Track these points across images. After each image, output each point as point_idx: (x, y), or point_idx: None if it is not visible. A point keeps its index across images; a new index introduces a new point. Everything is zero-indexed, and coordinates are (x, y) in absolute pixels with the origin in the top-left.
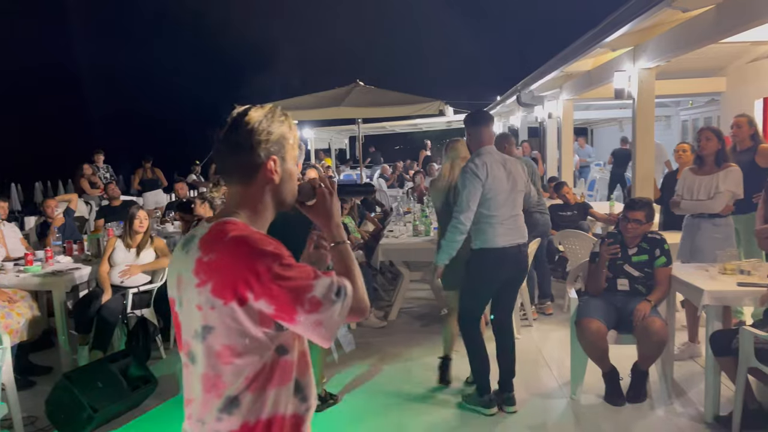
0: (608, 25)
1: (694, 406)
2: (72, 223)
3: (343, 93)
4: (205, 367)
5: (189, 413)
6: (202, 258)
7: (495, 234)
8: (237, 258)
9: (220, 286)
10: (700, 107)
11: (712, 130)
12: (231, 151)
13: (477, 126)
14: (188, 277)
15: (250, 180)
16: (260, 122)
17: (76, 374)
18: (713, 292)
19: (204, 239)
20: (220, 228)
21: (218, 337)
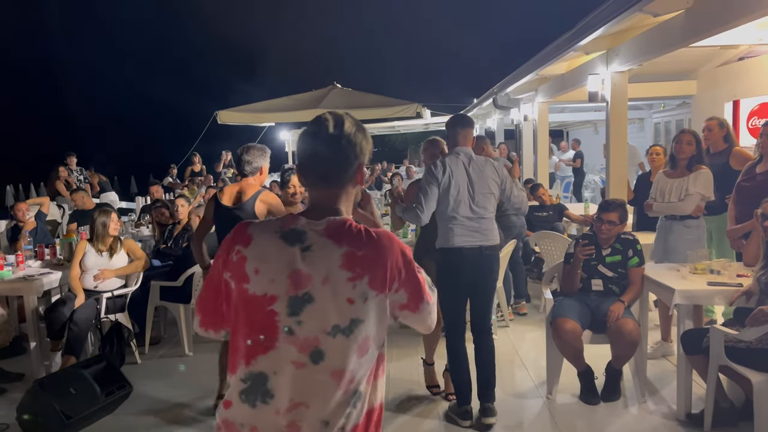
0: (581, 29)
1: (667, 403)
2: (44, 227)
3: (320, 95)
4: (340, 363)
5: (292, 421)
6: (356, 252)
7: (453, 234)
8: (390, 251)
9: (377, 277)
10: (672, 110)
11: (692, 134)
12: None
13: (452, 128)
14: (332, 272)
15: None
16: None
17: (48, 380)
18: (684, 291)
19: (336, 234)
20: (348, 225)
21: (365, 329)
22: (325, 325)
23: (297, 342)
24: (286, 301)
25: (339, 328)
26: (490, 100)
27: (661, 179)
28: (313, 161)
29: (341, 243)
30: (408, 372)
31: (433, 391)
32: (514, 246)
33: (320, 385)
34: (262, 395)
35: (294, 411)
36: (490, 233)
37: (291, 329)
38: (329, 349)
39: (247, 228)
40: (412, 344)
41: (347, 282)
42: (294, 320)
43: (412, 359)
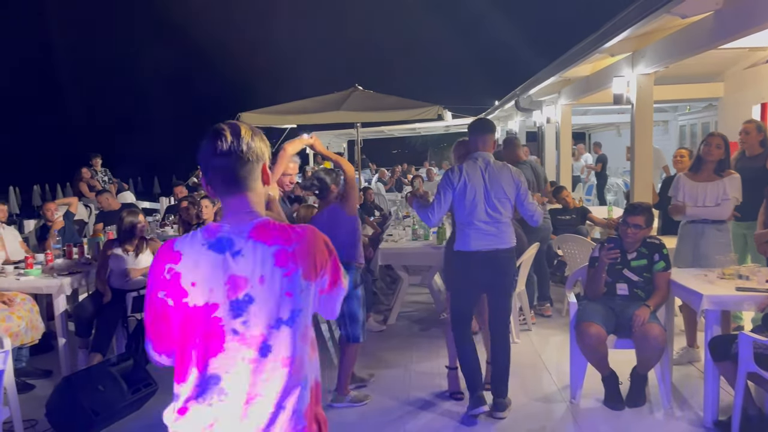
0: (607, 31)
1: (693, 410)
2: (72, 227)
3: (341, 97)
4: (287, 352)
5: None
6: (286, 249)
7: (469, 238)
8: (317, 242)
9: (308, 268)
10: (697, 112)
11: (722, 138)
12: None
13: (471, 133)
14: (266, 271)
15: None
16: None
17: (76, 377)
18: (712, 296)
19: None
20: (272, 225)
21: (305, 317)
22: (269, 320)
23: (244, 341)
24: (227, 305)
25: (282, 320)
26: (512, 102)
27: (687, 182)
28: (219, 172)
29: (270, 242)
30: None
31: (457, 397)
32: (537, 249)
33: (271, 374)
34: (218, 394)
35: (251, 402)
36: (505, 236)
37: (236, 330)
38: (275, 341)
39: (173, 246)
40: (434, 348)
41: (283, 277)
42: (239, 321)
43: (433, 363)
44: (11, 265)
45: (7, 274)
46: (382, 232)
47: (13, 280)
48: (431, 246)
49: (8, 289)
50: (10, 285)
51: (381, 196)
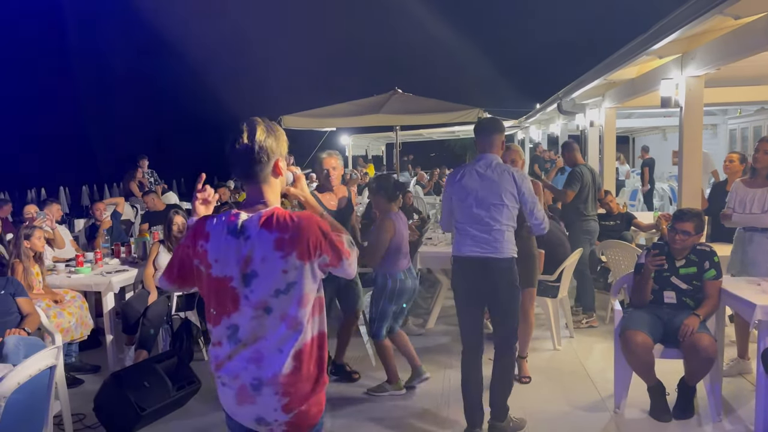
0: (656, 32)
1: (744, 424)
2: (119, 226)
3: (381, 100)
4: (283, 312)
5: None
6: (284, 236)
7: (461, 243)
8: (311, 229)
9: (302, 251)
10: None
11: None
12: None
13: (477, 134)
14: (267, 254)
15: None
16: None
17: (124, 374)
18: (766, 307)
19: (268, 223)
20: (276, 212)
21: (300, 288)
22: (269, 290)
23: (251, 304)
24: (240, 277)
25: (280, 290)
26: (554, 105)
27: (740, 188)
28: (236, 166)
29: (272, 231)
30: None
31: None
32: (580, 254)
33: (272, 326)
34: (236, 338)
35: (256, 343)
36: (500, 245)
37: (247, 296)
38: (275, 305)
39: (205, 226)
40: None
41: (280, 259)
42: (248, 290)
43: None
44: (63, 263)
45: (59, 272)
46: (421, 236)
47: (65, 277)
48: None
49: (59, 286)
50: (62, 282)
51: (420, 199)
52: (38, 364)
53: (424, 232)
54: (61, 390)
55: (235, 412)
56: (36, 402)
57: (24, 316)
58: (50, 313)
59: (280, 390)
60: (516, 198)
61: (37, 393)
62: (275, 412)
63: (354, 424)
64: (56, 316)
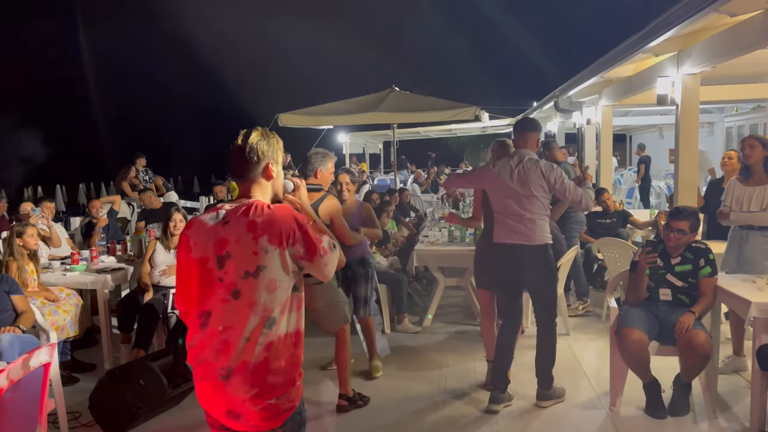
0: (652, 30)
1: (739, 421)
2: (115, 224)
3: (378, 98)
4: (252, 297)
5: (224, 339)
6: (257, 220)
7: (495, 231)
8: (285, 216)
9: (274, 235)
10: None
11: (756, 138)
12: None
13: (514, 131)
14: (241, 235)
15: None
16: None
17: (119, 372)
18: (761, 304)
19: (246, 210)
20: (255, 203)
21: (269, 273)
22: (239, 271)
23: (223, 286)
24: (215, 259)
25: (249, 272)
26: (551, 104)
27: (737, 186)
28: (231, 164)
29: (248, 215)
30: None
31: (485, 387)
32: (575, 253)
33: (241, 312)
34: (207, 326)
35: (225, 332)
36: (532, 233)
37: (221, 278)
38: (243, 288)
39: (192, 219)
40: (470, 351)
41: (251, 240)
42: (222, 272)
43: (468, 365)
44: (58, 261)
45: (55, 269)
46: (417, 233)
47: (60, 275)
48: (468, 247)
49: (55, 284)
50: (57, 280)
51: (417, 197)
52: (33, 362)
53: (420, 230)
54: (56, 388)
55: (209, 405)
56: (31, 400)
57: (19, 313)
58: (45, 310)
59: (248, 380)
60: (546, 189)
61: (32, 391)
62: (244, 403)
63: (344, 423)
64: (51, 313)
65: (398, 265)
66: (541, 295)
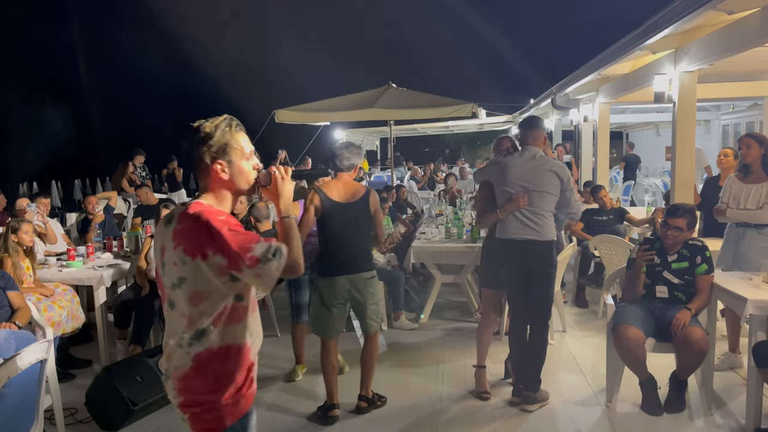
0: (649, 27)
1: (735, 417)
2: (111, 220)
3: (375, 95)
4: (181, 308)
5: (168, 345)
6: (177, 228)
7: (506, 226)
8: (198, 225)
9: (188, 246)
10: (741, 111)
11: (752, 137)
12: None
13: (521, 128)
14: (168, 244)
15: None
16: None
17: (116, 368)
18: (757, 301)
19: (179, 215)
20: (189, 207)
21: (190, 285)
22: (169, 282)
23: (164, 294)
24: (161, 266)
25: (174, 284)
26: (548, 101)
27: (735, 184)
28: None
29: (176, 222)
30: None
31: (483, 397)
32: (572, 251)
33: (175, 323)
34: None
35: (167, 337)
36: (542, 229)
37: (164, 286)
38: (175, 298)
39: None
40: (466, 348)
41: (173, 250)
42: (164, 279)
43: (465, 362)
44: (54, 257)
45: (51, 265)
46: (414, 230)
47: (56, 271)
48: (465, 244)
49: (51, 280)
50: (53, 276)
51: (414, 194)
52: (29, 358)
53: (417, 227)
54: (52, 384)
55: None
56: (27, 396)
57: (14, 309)
58: (40, 306)
59: (177, 386)
60: (558, 187)
61: (28, 387)
62: (178, 407)
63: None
64: (47, 309)
65: (395, 262)
66: (541, 293)
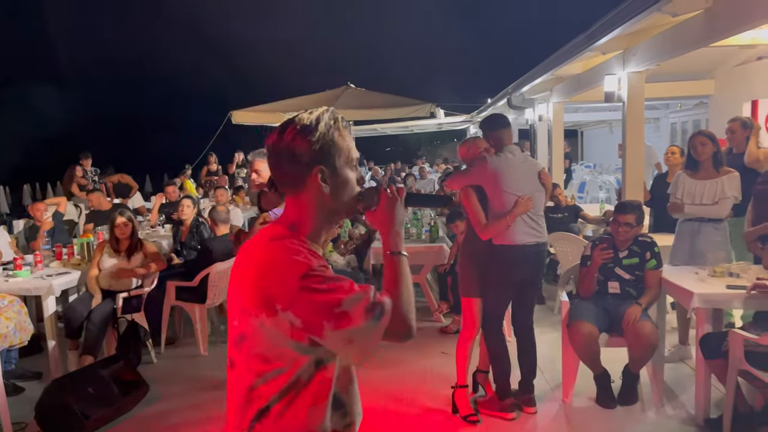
0: (599, 29)
1: (685, 408)
2: (61, 227)
3: (334, 95)
4: (242, 374)
5: (228, 418)
6: (243, 268)
7: (512, 232)
8: (266, 267)
9: (251, 295)
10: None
11: (706, 135)
12: (277, 160)
13: (498, 128)
14: (229, 285)
15: (299, 189)
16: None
17: (66, 380)
18: (703, 294)
19: (247, 245)
20: (265, 234)
21: (251, 346)
22: (233, 333)
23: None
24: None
25: (235, 340)
26: (504, 100)
27: (686, 180)
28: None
29: (242, 254)
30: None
31: (471, 421)
32: None
33: (233, 390)
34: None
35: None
36: (544, 231)
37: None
38: (235, 358)
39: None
40: (427, 347)
41: (233, 296)
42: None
43: (426, 361)
44: (0, 267)
45: None
46: (374, 231)
47: (2, 281)
48: (424, 244)
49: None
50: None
51: None
52: None
53: None
54: (0, 397)
55: None
56: None
57: None
58: None
59: None
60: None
61: None
62: None
63: None
64: None
65: (355, 263)
66: (536, 293)
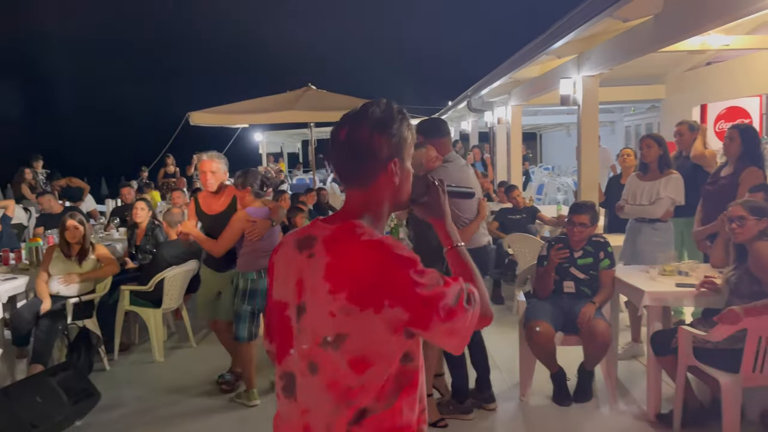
0: (553, 33)
1: (637, 404)
2: (9, 231)
3: (294, 96)
4: (333, 377)
5: (305, 423)
6: (341, 262)
7: (479, 234)
8: (373, 264)
9: (356, 292)
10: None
11: (653, 138)
12: (351, 155)
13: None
14: (317, 282)
15: (371, 183)
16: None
17: (13, 389)
18: (653, 293)
19: (331, 242)
20: (349, 231)
21: (353, 345)
22: (315, 336)
23: (300, 350)
24: (294, 308)
25: (327, 341)
26: (464, 103)
27: (634, 181)
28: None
29: (331, 251)
30: None
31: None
32: None
33: (318, 396)
34: (292, 391)
35: (305, 415)
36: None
37: (297, 336)
38: (321, 361)
39: (284, 238)
40: None
41: (327, 294)
42: (298, 327)
43: None
44: None
45: None
46: None
47: None
48: None
49: None
50: None
51: (336, 196)
52: None
53: None
54: None
55: None
56: None
57: None
58: None
59: None
60: None
61: None
62: None
63: None
64: None
65: None
66: None
